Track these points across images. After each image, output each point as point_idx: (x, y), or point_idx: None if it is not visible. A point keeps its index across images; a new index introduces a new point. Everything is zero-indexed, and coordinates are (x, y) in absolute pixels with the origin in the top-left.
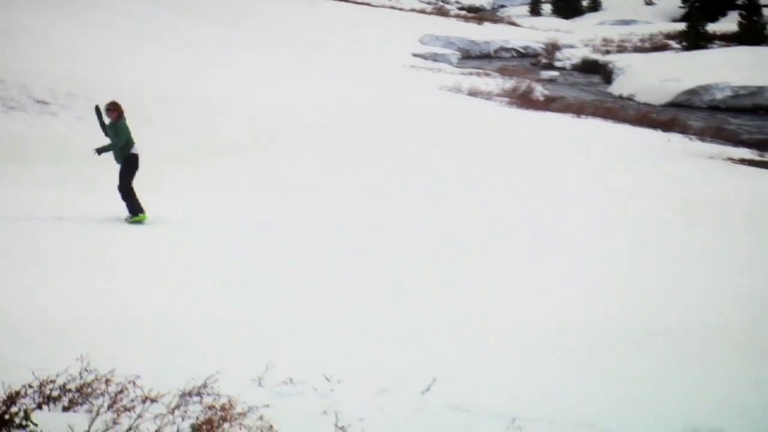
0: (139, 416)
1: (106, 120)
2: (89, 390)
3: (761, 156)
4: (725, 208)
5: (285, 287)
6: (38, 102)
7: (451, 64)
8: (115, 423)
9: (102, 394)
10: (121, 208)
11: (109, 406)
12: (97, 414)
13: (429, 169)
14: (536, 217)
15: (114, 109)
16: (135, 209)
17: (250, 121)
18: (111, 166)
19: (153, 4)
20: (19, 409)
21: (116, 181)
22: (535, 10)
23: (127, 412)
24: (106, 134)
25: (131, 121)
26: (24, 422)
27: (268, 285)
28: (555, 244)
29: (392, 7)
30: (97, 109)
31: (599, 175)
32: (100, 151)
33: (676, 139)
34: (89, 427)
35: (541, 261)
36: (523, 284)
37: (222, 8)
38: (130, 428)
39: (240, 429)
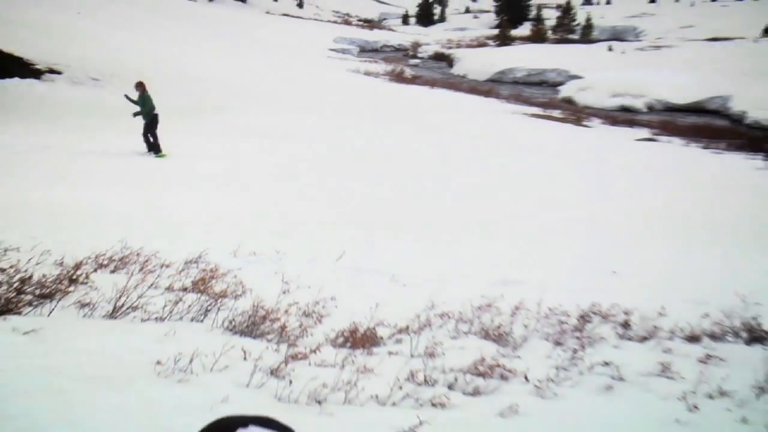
0: (159, 276)
1: (135, 95)
2: (127, 260)
3: (544, 112)
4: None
5: (254, 195)
6: (92, 79)
7: (353, 55)
8: (143, 281)
9: (134, 263)
10: (144, 147)
11: (140, 270)
12: (132, 275)
13: (345, 114)
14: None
15: (140, 85)
16: (157, 150)
17: (227, 90)
18: (139, 121)
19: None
20: (83, 272)
21: (141, 130)
22: (405, 21)
23: (151, 273)
24: (136, 104)
25: (151, 89)
26: (85, 280)
27: (243, 194)
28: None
29: (316, 20)
30: (126, 96)
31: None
32: (135, 114)
33: (493, 101)
34: (127, 283)
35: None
36: (411, 182)
37: (201, 18)
38: (152, 283)
39: (222, 283)
